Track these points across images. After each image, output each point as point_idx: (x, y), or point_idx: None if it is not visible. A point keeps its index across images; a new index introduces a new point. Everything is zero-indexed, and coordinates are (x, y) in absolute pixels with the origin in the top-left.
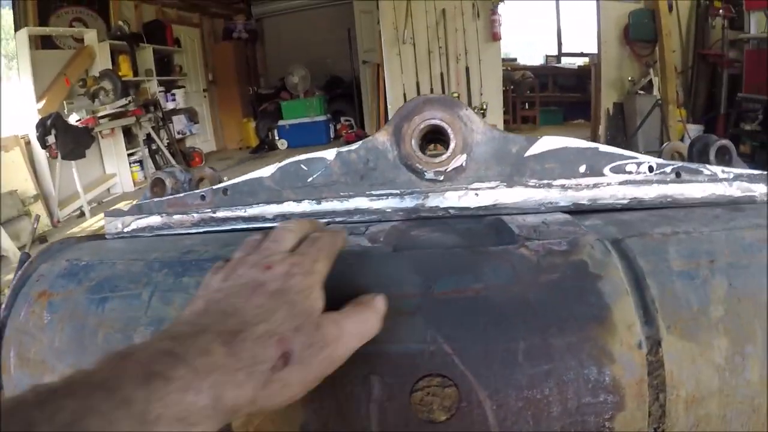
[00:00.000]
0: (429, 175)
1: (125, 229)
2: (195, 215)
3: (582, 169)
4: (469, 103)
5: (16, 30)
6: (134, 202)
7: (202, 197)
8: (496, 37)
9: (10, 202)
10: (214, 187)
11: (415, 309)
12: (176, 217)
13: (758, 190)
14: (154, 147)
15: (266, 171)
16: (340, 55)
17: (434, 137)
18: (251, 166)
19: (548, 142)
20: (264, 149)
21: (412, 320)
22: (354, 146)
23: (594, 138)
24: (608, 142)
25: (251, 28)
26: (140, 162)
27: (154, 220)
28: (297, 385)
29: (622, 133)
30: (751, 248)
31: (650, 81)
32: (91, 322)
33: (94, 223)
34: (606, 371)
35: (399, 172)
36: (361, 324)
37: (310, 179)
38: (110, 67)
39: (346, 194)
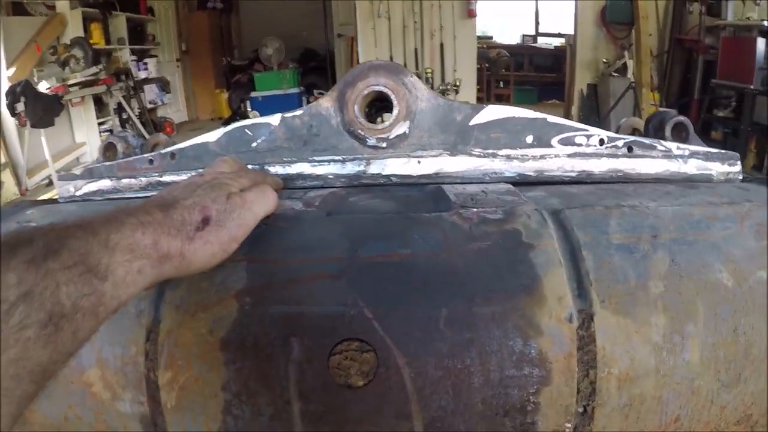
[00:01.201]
0: (371, 141)
1: (77, 193)
2: (143, 179)
3: (529, 139)
4: (443, 80)
5: None
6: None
7: (150, 161)
8: (471, 14)
9: None
10: (162, 151)
11: (339, 272)
12: (125, 181)
13: (715, 168)
14: (124, 116)
15: (212, 135)
16: (315, 28)
17: (383, 105)
18: None
19: (494, 111)
20: (236, 120)
21: (334, 283)
22: (298, 111)
23: (567, 118)
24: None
25: None
26: (110, 131)
27: (105, 183)
28: (215, 242)
29: (596, 114)
30: (698, 225)
31: (624, 64)
32: None
33: None
34: (532, 344)
35: (342, 139)
36: (261, 195)
37: (254, 144)
38: (82, 34)
39: (289, 160)
